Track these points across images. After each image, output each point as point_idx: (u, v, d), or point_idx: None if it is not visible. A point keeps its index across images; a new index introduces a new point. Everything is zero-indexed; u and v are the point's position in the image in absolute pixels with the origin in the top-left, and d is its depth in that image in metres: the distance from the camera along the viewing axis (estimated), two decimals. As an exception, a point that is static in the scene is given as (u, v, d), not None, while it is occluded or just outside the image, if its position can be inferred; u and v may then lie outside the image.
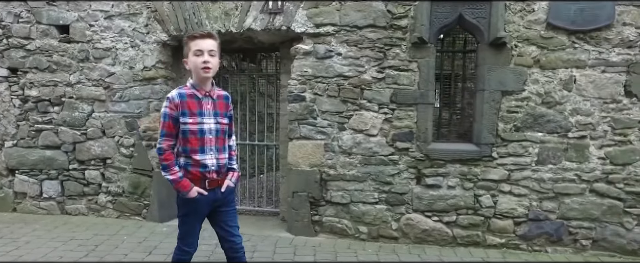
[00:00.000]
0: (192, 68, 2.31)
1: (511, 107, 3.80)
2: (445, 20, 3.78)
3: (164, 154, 2.32)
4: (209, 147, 2.36)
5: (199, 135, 2.32)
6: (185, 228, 2.49)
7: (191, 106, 2.30)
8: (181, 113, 2.28)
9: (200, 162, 2.34)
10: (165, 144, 2.32)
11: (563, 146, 3.78)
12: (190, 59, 2.29)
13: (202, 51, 2.25)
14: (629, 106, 3.67)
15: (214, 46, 2.29)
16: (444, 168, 3.94)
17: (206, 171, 2.36)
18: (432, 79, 3.88)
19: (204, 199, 2.37)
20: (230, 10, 4.14)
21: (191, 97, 2.31)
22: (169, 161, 2.31)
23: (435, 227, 4.01)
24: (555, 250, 3.90)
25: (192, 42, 2.27)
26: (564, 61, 3.70)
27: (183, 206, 2.43)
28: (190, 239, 2.50)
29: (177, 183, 2.31)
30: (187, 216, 2.44)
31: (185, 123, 2.29)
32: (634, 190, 3.74)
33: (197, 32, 2.32)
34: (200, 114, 2.33)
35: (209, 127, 2.36)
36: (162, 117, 2.32)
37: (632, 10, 3.58)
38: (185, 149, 2.33)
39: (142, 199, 4.55)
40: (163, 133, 2.32)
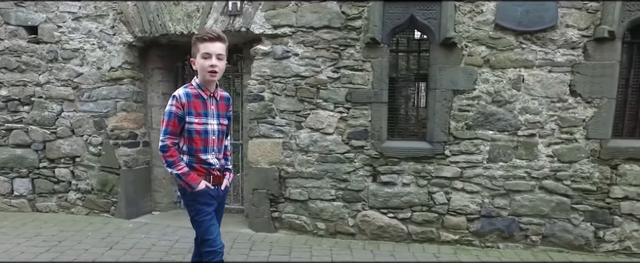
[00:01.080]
0: (199, 70, 2.28)
1: (462, 106, 3.88)
2: (398, 21, 3.87)
3: (168, 151, 2.27)
4: (212, 147, 2.37)
5: (203, 135, 2.32)
6: (203, 227, 2.37)
7: (196, 107, 2.29)
8: (187, 113, 2.26)
9: (205, 160, 2.35)
10: (169, 142, 2.28)
11: (513, 144, 3.86)
12: (198, 61, 2.25)
13: (210, 54, 2.21)
14: (574, 105, 3.75)
15: (222, 49, 2.25)
16: (399, 165, 4.03)
17: (211, 168, 2.38)
18: (386, 78, 3.97)
19: (211, 192, 2.36)
20: (192, 12, 4.25)
21: (197, 98, 2.30)
22: (174, 157, 2.28)
23: (391, 224, 4.10)
24: (507, 246, 3.98)
25: (201, 45, 2.23)
26: (513, 60, 3.78)
27: (193, 204, 2.35)
28: (212, 235, 2.36)
29: (186, 176, 2.28)
30: (201, 212, 2.35)
31: (191, 122, 2.28)
32: (581, 187, 3.81)
33: (206, 34, 2.24)
34: (205, 114, 2.32)
35: (213, 128, 2.36)
36: (167, 115, 2.28)
37: (574, 13, 3.66)
38: (189, 148, 2.32)
39: (110, 196, 4.67)
40: (167, 131, 2.27)
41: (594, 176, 3.79)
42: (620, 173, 3.76)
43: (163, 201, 4.99)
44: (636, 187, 3.75)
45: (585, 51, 3.69)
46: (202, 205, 2.35)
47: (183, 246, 3.95)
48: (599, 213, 3.83)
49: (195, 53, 2.27)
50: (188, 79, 4.98)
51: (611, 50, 3.65)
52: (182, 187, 2.37)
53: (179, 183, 2.36)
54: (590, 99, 3.72)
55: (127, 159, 4.57)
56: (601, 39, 3.62)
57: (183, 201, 2.42)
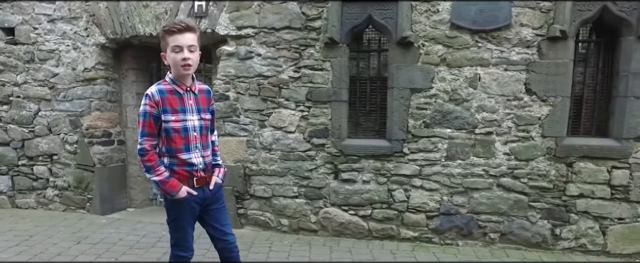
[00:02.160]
0: (171, 65, 2.14)
1: (420, 104, 3.94)
2: (356, 21, 3.94)
3: (146, 155, 2.15)
4: (194, 145, 2.22)
5: (183, 133, 2.18)
6: (177, 233, 2.31)
7: (172, 103, 2.14)
8: (162, 111, 2.12)
9: (186, 161, 2.20)
10: (147, 145, 2.15)
11: (471, 142, 3.90)
12: (169, 55, 2.12)
13: (181, 47, 2.07)
14: (529, 103, 3.78)
15: (193, 40, 2.12)
16: (359, 163, 4.09)
17: (193, 169, 2.23)
18: (345, 77, 4.04)
19: (194, 198, 2.22)
20: (160, 14, 4.38)
21: (172, 93, 2.15)
22: (152, 162, 2.15)
23: (352, 220, 4.17)
24: (466, 243, 4.02)
25: (170, 37, 2.09)
26: (469, 59, 3.82)
27: (172, 209, 2.26)
28: (184, 243, 2.32)
29: (165, 183, 2.16)
30: (178, 219, 2.27)
31: (167, 121, 2.13)
32: (537, 185, 3.83)
33: (174, 26, 2.10)
34: (183, 111, 2.18)
35: (193, 124, 2.21)
36: (142, 116, 2.15)
37: (528, 12, 3.69)
38: (169, 149, 2.18)
39: (85, 193, 4.81)
40: (144, 132, 2.15)
41: (550, 174, 3.81)
42: (575, 171, 3.78)
43: (138, 198, 5.13)
44: (591, 185, 3.76)
45: (539, 49, 3.72)
46: (182, 211, 2.25)
47: (148, 241, 4.08)
48: (555, 210, 3.85)
49: (164, 47, 2.14)
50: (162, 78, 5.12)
51: (564, 49, 3.67)
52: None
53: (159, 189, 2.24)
54: (546, 97, 3.75)
55: (101, 157, 4.71)
56: (554, 38, 3.65)
57: (164, 203, 2.33)
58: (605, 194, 3.75)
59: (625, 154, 3.68)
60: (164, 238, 4.17)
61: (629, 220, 3.74)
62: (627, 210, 3.73)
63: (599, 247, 3.81)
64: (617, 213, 3.75)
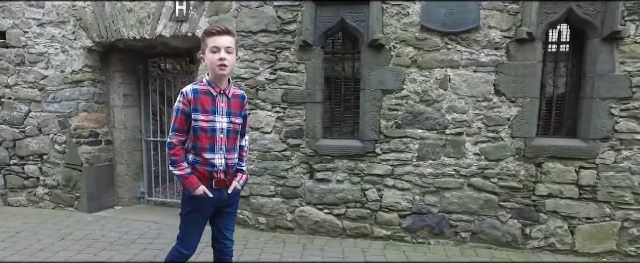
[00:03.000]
0: (208, 65, 2.24)
1: (392, 105, 4.02)
2: (329, 24, 4.04)
3: (173, 149, 2.27)
4: (219, 146, 2.30)
5: (210, 133, 2.27)
6: (186, 227, 2.39)
7: (204, 103, 2.24)
8: (193, 109, 2.23)
9: (209, 161, 2.28)
10: (175, 139, 2.27)
11: (441, 142, 3.97)
12: (207, 56, 2.23)
13: (219, 48, 2.18)
14: (498, 104, 3.84)
15: (231, 42, 2.23)
16: (333, 163, 4.18)
17: (214, 170, 2.30)
18: (319, 79, 4.14)
19: (209, 199, 2.31)
20: (143, 18, 4.52)
21: (205, 94, 2.25)
22: (178, 157, 2.27)
23: (326, 219, 4.26)
24: (438, 242, 4.09)
25: (209, 39, 2.21)
26: (439, 61, 3.90)
27: (187, 204, 2.36)
28: (189, 240, 2.39)
29: (185, 178, 2.26)
30: (190, 214, 2.36)
31: (196, 119, 2.24)
32: (507, 185, 3.89)
33: (214, 28, 2.23)
34: (213, 112, 2.27)
35: (221, 126, 2.29)
36: (175, 111, 2.26)
37: (496, 15, 3.76)
38: (194, 146, 2.28)
39: (74, 191, 4.98)
40: (174, 127, 2.27)
41: (520, 174, 3.87)
42: (544, 171, 3.83)
43: (125, 197, 5.27)
44: (559, 185, 3.81)
45: (507, 51, 3.78)
46: (196, 208, 2.34)
47: (129, 237, 4.22)
48: (525, 210, 3.90)
49: (203, 48, 2.25)
50: (150, 81, 5.28)
51: (532, 51, 3.73)
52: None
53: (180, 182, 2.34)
54: (514, 98, 3.81)
55: (89, 157, 4.87)
56: (522, 40, 3.71)
57: (182, 197, 2.42)
58: (573, 194, 3.80)
59: (592, 155, 3.72)
60: (145, 235, 4.32)
61: (596, 220, 3.78)
62: (594, 210, 3.77)
63: (568, 246, 3.85)
64: (585, 213, 3.79)
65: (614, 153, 3.70)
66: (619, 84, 3.62)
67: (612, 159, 3.70)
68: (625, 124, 3.65)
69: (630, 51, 3.57)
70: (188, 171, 2.27)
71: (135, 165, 5.33)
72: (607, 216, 3.76)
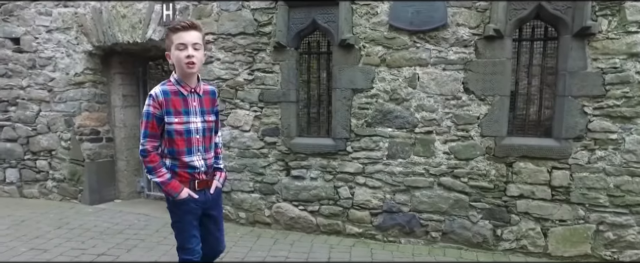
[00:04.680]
0: (175, 63, 2.11)
1: (362, 104, 4.07)
2: (302, 26, 4.15)
3: (148, 156, 2.14)
4: (197, 147, 2.21)
5: (186, 135, 2.16)
6: (182, 235, 2.28)
7: (176, 104, 2.12)
8: (165, 112, 2.10)
9: (188, 164, 2.19)
10: (149, 146, 2.14)
11: (411, 141, 3.98)
12: (173, 53, 2.09)
13: (185, 44, 2.05)
14: (467, 102, 3.80)
15: (198, 38, 2.10)
16: (307, 161, 4.29)
17: (195, 172, 2.22)
18: (293, 79, 4.25)
19: (195, 201, 2.22)
20: (135, 24, 4.82)
21: (176, 95, 2.13)
22: (154, 163, 2.14)
23: (301, 215, 4.37)
24: (409, 241, 4.09)
25: (174, 35, 2.07)
26: (407, 59, 3.91)
27: (175, 211, 2.26)
28: (190, 245, 2.27)
29: (166, 185, 2.15)
30: (182, 220, 2.26)
31: (170, 122, 2.12)
32: (478, 185, 3.84)
33: (179, 23, 2.08)
34: (186, 113, 2.15)
35: (196, 126, 2.19)
36: (145, 116, 2.12)
37: (464, 12, 3.72)
38: (171, 151, 2.17)
39: (78, 185, 5.37)
40: (146, 133, 2.13)
41: (490, 174, 3.81)
42: (515, 171, 3.75)
43: (125, 191, 5.62)
44: (531, 185, 3.71)
45: (476, 49, 3.73)
46: (185, 213, 2.23)
47: (118, 227, 4.52)
48: (496, 211, 3.83)
49: (169, 46, 2.11)
50: (148, 82, 5.59)
51: (501, 48, 3.67)
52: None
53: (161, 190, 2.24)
54: (484, 96, 3.75)
55: (90, 153, 5.24)
56: (490, 37, 3.65)
57: (167, 205, 2.32)
58: (545, 195, 3.69)
59: (564, 155, 3.61)
60: (134, 226, 4.60)
61: (570, 222, 3.66)
62: (568, 212, 3.65)
63: (541, 248, 3.75)
64: (558, 215, 3.68)
65: (588, 153, 3.56)
66: (592, 82, 3.49)
67: (585, 159, 3.57)
68: (599, 124, 3.51)
69: (603, 47, 3.43)
70: (168, 177, 2.16)
71: (135, 161, 5.65)
72: (581, 218, 3.63)
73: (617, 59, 3.41)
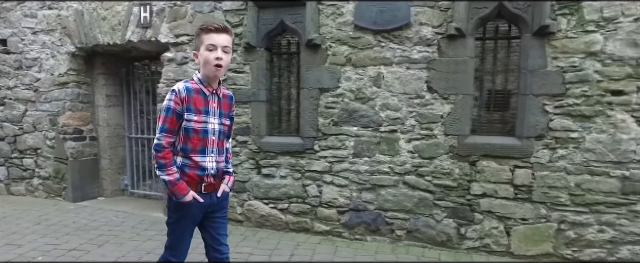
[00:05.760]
0: (202, 63, 2.09)
1: (328, 103, 4.11)
2: (270, 26, 4.22)
3: (162, 151, 2.09)
4: (211, 148, 2.18)
5: (202, 135, 2.14)
6: (174, 236, 2.25)
7: (197, 103, 2.11)
8: (186, 109, 2.08)
9: (199, 164, 2.15)
10: (164, 141, 2.09)
11: (376, 139, 4.01)
12: (202, 53, 2.08)
13: (216, 45, 2.05)
14: (431, 101, 3.82)
15: (228, 41, 2.10)
16: (276, 159, 4.34)
17: (204, 174, 2.18)
18: (263, 79, 4.32)
19: (199, 205, 2.17)
20: (115, 26, 4.94)
21: (198, 93, 2.12)
22: (166, 160, 2.09)
23: (271, 213, 4.42)
24: (375, 239, 4.11)
25: (206, 36, 2.07)
26: (372, 59, 3.95)
27: (175, 211, 2.21)
28: (179, 248, 2.25)
29: (174, 185, 2.10)
30: (179, 222, 2.21)
31: (189, 119, 2.09)
32: (442, 183, 3.85)
33: (212, 25, 2.09)
34: (206, 112, 2.14)
35: (213, 127, 2.18)
36: (164, 111, 2.08)
37: (427, 11, 3.75)
38: (184, 148, 2.13)
39: (62, 182, 5.50)
40: (163, 128, 2.08)
41: (454, 173, 3.82)
42: (479, 170, 3.75)
43: (109, 188, 5.74)
44: (494, 184, 3.71)
45: (439, 48, 3.76)
46: (184, 217, 2.19)
47: (95, 224, 4.62)
48: (460, 209, 3.84)
49: (198, 45, 2.10)
50: (131, 83, 5.71)
51: (463, 47, 3.68)
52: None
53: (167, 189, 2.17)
54: (446, 95, 3.77)
55: (73, 152, 5.37)
56: (453, 36, 3.68)
57: (167, 203, 2.28)
58: (508, 194, 3.69)
59: (526, 154, 3.60)
60: (111, 222, 4.70)
61: (532, 221, 3.65)
62: (530, 211, 3.64)
63: (503, 247, 3.74)
64: (520, 214, 3.67)
65: (549, 152, 3.56)
66: (552, 81, 3.49)
67: (547, 158, 3.56)
68: (560, 122, 3.50)
69: (562, 46, 3.43)
70: (177, 177, 2.11)
71: (119, 159, 5.77)
72: (543, 217, 3.62)
73: (576, 58, 3.40)
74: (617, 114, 3.35)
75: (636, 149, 3.32)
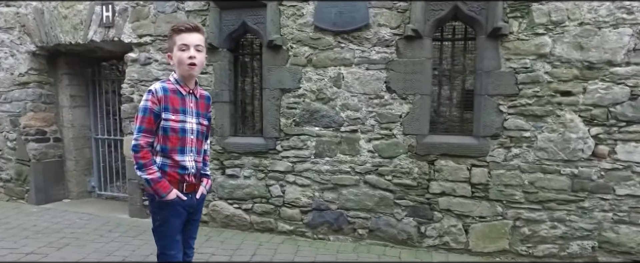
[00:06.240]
0: (176, 64, 2.11)
1: (290, 103, 4.13)
2: (232, 27, 4.21)
3: (140, 151, 2.08)
4: (190, 148, 2.19)
5: (180, 134, 2.14)
6: (163, 240, 2.19)
7: (174, 102, 2.12)
8: (163, 108, 2.08)
9: (180, 163, 2.15)
10: (142, 141, 2.08)
11: (337, 139, 4.04)
12: (175, 54, 2.10)
13: (188, 45, 2.06)
14: (390, 101, 3.86)
15: (200, 40, 2.11)
16: (240, 159, 4.34)
17: (185, 173, 2.18)
18: (226, 79, 4.31)
19: (182, 203, 2.16)
20: (77, 25, 4.86)
21: (174, 93, 2.13)
22: (146, 160, 2.08)
23: (236, 213, 4.42)
24: (338, 238, 4.15)
25: (177, 36, 2.09)
26: (332, 59, 3.97)
27: (159, 213, 2.17)
28: (172, 250, 2.19)
29: (156, 183, 2.08)
30: (165, 224, 2.17)
31: (167, 119, 2.10)
32: (402, 182, 3.90)
33: (183, 25, 2.10)
34: (183, 112, 2.15)
35: (191, 127, 2.18)
36: (141, 111, 2.09)
37: (385, 12, 3.79)
38: (164, 147, 2.12)
39: (24, 185, 5.39)
40: (141, 128, 2.08)
41: (413, 172, 3.87)
42: (437, 169, 3.81)
43: (75, 190, 5.65)
44: (452, 183, 3.78)
45: (397, 48, 3.80)
46: (170, 216, 2.15)
47: (57, 227, 4.55)
48: (420, 208, 3.90)
49: (171, 46, 2.13)
50: (98, 83, 5.62)
51: (420, 48, 3.73)
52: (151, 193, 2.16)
53: (147, 189, 2.16)
54: (405, 95, 3.82)
55: (36, 153, 5.27)
56: (410, 37, 3.72)
57: (149, 208, 2.23)
58: (466, 192, 3.76)
59: (482, 153, 3.68)
60: (74, 225, 4.64)
61: (489, 219, 3.73)
62: (487, 209, 3.72)
63: (462, 245, 3.82)
64: (478, 212, 3.75)
65: (504, 151, 3.64)
66: (505, 81, 3.56)
67: (502, 157, 3.64)
68: (514, 122, 3.58)
69: (515, 47, 3.51)
70: (158, 175, 2.09)
71: (85, 161, 5.69)
72: (499, 215, 3.70)
73: (528, 59, 3.48)
74: (566, 114, 3.44)
75: (583, 148, 3.42)
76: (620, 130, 3.33)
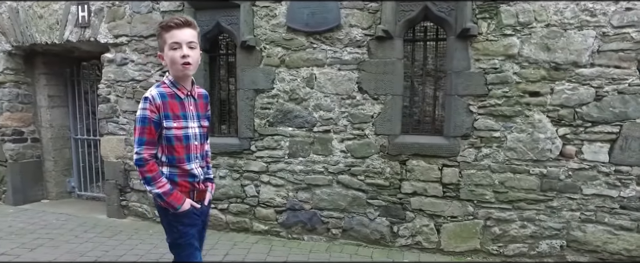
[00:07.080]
0: (169, 64, 1.93)
1: (264, 104, 4.13)
2: (207, 28, 4.20)
3: (146, 165, 1.91)
4: (195, 154, 2.05)
5: (185, 142, 1.99)
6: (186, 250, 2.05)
7: (174, 108, 1.95)
8: (164, 116, 1.92)
9: (189, 172, 2.02)
10: (146, 154, 1.92)
11: (310, 139, 4.05)
12: (167, 54, 1.91)
13: (180, 43, 1.88)
14: (362, 101, 3.87)
15: (193, 36, 1.93)
16: (216, 160, 4.34)
17: (195, 181, 2.06)
18: (201, 80, 4.28)
19: (196, 212, 2.05)
20: (53, 25, 4.84)
21: (173, 98, 1.96)
22: (154, 173, 1.92)
23: (212, 213, 4.40)
24: (312, 238, 4.16)
25: (167, 34, 1.89)
26: (305, 60, 3.98)
27: (174, 226, 2.02)
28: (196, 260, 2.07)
29: (169, 195, 1.93)
30: (185, 235, 2.02)
31: (169, 127, 1.94)
32: (374, 182, 3.92)
33: (172, 20, 1.90)
34: (184, 117, 1.99)
35: (194, 132, 2.04)
36: (140, 122, 1.92)
37: (356, 13, 3.80)
38: (170, 158, 1.98)
39: (1, 186, 5.37)
40: (142, 140, 1.92)
41: (385, 172, 3.89)
42: (409, 169, 3.83)
43: (54, 191, 5.62)
44: (423, 183, 3.80)
45: (369, 49, 3.81)
46: (187, 226, 2.02)
47: (32, 228, 4.54)
48: (392, 208, 3.91)
49: (161, 45, 1.94)
50: (78, 83, 5.60)
51: (391, 48, 3.74)
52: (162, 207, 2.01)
53: (159, 203, 1.99)
54: (377, 96, 3.83)
55: (13, 154, 5.24)
56: (381, 38, 3.73)
57: (162, 222, 2.08)
58: (437, 192, 3.78)
59: (453, 153, 3.70)
60: (50, 225, 4.63)
61: (460, 218, 3.75)
62: (458, 208, 3.74)
63: (434, 244, 3.84)
64: (449, 212, 3.77)
65: (475, 151, 3.65)
66: (475, 81, 3.58)
67: (472, 157, 3.66)
68: (484, 122, 3.60)
69: (484, 48, 3.53)
70: (170, 187, 1.95)
71: (65, 161, 5.67)
72: (470, 214, 3.72)
73: (497, 60, 3.50)
74: (534, 115, 3.46)
75: (552, 148, 3.44)
76: (586, 130, 3.35)
